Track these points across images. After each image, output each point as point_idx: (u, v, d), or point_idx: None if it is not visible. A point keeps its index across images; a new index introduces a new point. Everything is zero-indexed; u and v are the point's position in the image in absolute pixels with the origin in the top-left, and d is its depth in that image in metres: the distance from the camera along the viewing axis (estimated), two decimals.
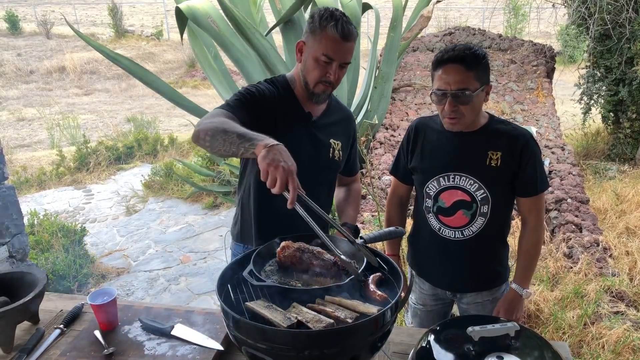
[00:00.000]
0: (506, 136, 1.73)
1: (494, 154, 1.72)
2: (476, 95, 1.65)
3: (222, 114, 1.53)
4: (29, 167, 6.76)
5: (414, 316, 2.09)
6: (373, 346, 1.24)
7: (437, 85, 1.67)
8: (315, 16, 1.63)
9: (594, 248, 3.61)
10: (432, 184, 1.81)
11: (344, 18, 1.61)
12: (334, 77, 1.64)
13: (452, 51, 1.64)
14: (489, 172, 1.73)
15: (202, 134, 1.44)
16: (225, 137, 1.38)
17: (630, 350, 2.67)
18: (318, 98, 1.71)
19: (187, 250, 4.60)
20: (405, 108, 6.36)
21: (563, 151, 5.29)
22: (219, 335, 1.52)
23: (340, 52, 1.62)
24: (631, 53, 5.76)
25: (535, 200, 1.79)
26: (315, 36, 1.62)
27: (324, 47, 1.60)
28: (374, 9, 5.36)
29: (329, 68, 1.63)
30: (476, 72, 1.64)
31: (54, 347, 1.53)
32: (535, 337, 1.37)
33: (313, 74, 1.65)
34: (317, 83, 1.66)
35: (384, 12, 6.20)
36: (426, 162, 1.84)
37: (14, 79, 13.61)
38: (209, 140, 1.42)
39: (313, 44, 1.63)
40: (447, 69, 1.64)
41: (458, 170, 1.76)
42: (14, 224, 2.72)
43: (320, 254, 1.40)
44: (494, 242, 1.85)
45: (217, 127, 1.42)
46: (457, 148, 1.77)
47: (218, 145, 1.40)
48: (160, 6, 20.13)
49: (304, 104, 1.75)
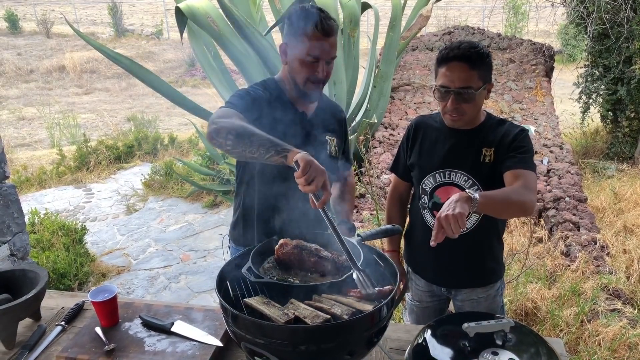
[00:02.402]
0: (500, 133, 1.75)
1: (487, 150, 1.74)
2: (478, 93, 1.67)
3: (235, 114, 1.51)
4: (29, 166, 6.77)
5: (410, 313, 2.10)
6: (369, 341, 1.26)
7: (440, 81, 1.68)
8: (293, 17, 1.63)
9: (591, 246, 3.63)
10: (428, 180, 1.83)
11: (322, 14, 1.61)
12: (323, 74, 1.66)
13: (457, 49, 1.64)
14: (482, 169, 1.74)
15: (224, 132, 1.41)
16: (252, 139, 1.36)
17: (627, 347, 2.69)
18: (310, 97, 1.73)
19: (187, 248, 4.62)
20: (404, 107, 6.38)
21: (561, 150, 5.30)
22: (218, 331, 1.54)
23: (324, 49, 1.62)
24: (629, 52, 5.77)
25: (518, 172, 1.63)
26: (297, 37, 1.62)
27: (308, 47, 1.60)
28: (373, 8, 5.37)
29: (316, 66, 1.64)
30: (480, 71, 1.65)
31: (55, 343, 1.56)
32: (531, 334, 1.39)
33: (301, 75, 1.66)
34: (306, 82, 1.67)
35: (383, 12, 6.20)
36: (423, 159, 1.86)
37: (14, 78, 13.61)
38: (232, 140, 1.39)
39: (296, 45, 1.63)
40: (452, 67, 1.65)
41: (453, 167, 1.78)
42: (15, 222, 2.73)
43: (318, 251, 1.42)
44: (488, 239, 1.87)
45: (242, 129, 1.40)
46: (453, 145, 1.79)
47: (242, 147, 1.38)
48: (160, 5, 20.12)
49: (297, 103, 1.76)
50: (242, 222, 1.88)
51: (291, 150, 1.32)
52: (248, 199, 1.83)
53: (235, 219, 1.93)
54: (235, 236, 1.93)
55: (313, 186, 1.24)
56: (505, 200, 1.55)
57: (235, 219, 1.93)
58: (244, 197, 1.85)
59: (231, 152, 1.43)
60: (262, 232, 1.77)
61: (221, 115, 1.50)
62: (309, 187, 1.24)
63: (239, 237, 1.90)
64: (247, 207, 1.84)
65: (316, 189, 1.24)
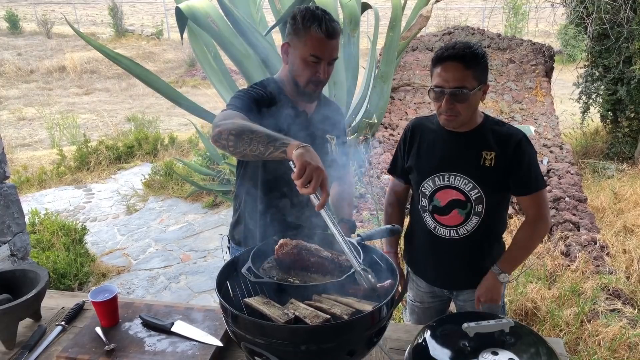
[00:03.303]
0: (500, 136, 1.75)
1: (487, 154, 1.74)
2: (473, 94, 1.67)
3: (237, 115, 1.51)
4: (29, 166, 6.77)
5: (412, 313, 2.11)
6: (369, 341, 1.26)
7: (435, 82, 1.69)
8: (297, 17, 1.64)
9: (591, 246, 3.63)
10: (428, 183, 1.82)
11: (326, 16, 1.62)
12: (324, 75, 1.67)
13: (452, 49, 1.65)
14: (483, 172, 1.74)
15: (225, 134, 1.41)
16: (252, 136, 1.36)
17: (626, 347, 2.70)
18: (311, 97, 1.74)
19: (187, 248, 4.62)
20: (404, 107, 6.38)
21: (561, 150, 5.31)
22: (218, 331, 1.54)
23: (327, 50, 1.63)
24: (629, 52, 5.77)
25: (532, 197, 1.78)
26: (300, 38, 1.63)
27: (311, 48, 1.61)
28: (373, 9, 5.38)
29: (318, 67, 1.65)
30: (474, 71, 1.65)
31: (55, 343, 1.56)
32: (530, 333, 1.38)
33: (303, 75, 1.67)
34: (308, 83, 1.68)
35: (383, 12, 6.21)
36: (422, 162, 1.85)
37: (14, 78, 13.62)
38: (233, 140, 1.39)
39: (298, 45, 1.64)
40: (446, 67, 1.65)
41: (453, 170, 1.78)
42: (16, 222, 2.73)
43: (317, 251, 1.42)
44: (488, 241, 1.87)
45: (242, 127, 1.40)
46: (452, 148, 1.79)
47: (243, 145, 1.37)
48: (160, 5, 20.13)
49: (297, 103, 1.77)
50: (243, 223, 1.87)
51: (289, 143, 1.30)
52: (248, 199, 1.83)
53: (235, 219, 1.93)
54: (236, 237, 1.93)
55: (310, 188, 1.22)
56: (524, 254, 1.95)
57: (236, 220, 1.92)
58: (245, 198, 1.85)
59: (234, 152, 1.43)
60: (263, 232, 1.77)
61: (223, 117, 1.50)
62: (306, 190, 1.23)
63: (240, 238, 1.90)
64: (248, 207, 1.84)
65: (314, 191, 1.23)
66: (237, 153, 1.42)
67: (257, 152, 1.36)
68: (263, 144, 1.34)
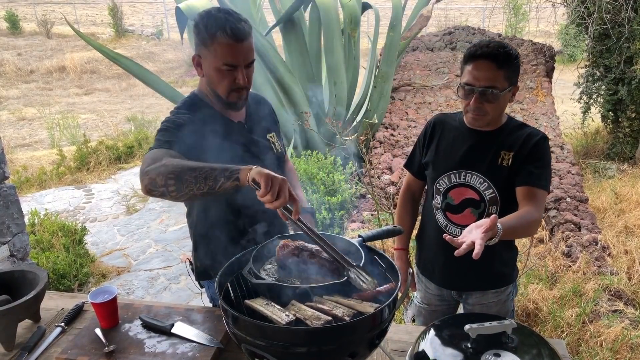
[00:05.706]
0: (521, 137, 1.71)
1: (506, 154, 1.71)
2: (503, 95, 1.64)
3: (166, 154, 1.38)
4: (29, 166, 6.76)
5: (418, 315, 2.08)
6: (371, 343, 1.26)
7: (465, 79, 1.66)
8: (200, 25, 1.49)
9: (592, 247, 3.62)
10: (443, 180, 1.80)
11: (230, 18, 1.47)
12: (244, 81, 1.53)
13: (486, 47, 1.62)
14: (499, 172, 1.71)
15: (162, 180, 1.28)
16: (194, 174, 1.26)
17: (628, 348, 2.69)
18: (236, 106, 1.61)
19: (187, 249, 4.61)
20: (405, 107, 6.37)
21: (562, 150, 5.30)
22: (218, 333, 1.53)
23: (240, 55, 1.50)
24: (630, 52, 5.76)
25: (532, 191, 1.66)
26: (208, 47, 1.48)
27: (222, 57, 1.48)
28: (374, 9, 5.38)
29: (236, 74, 1.51)
30: (506, 72, 1.62)
31: (55, 344, 1.55)
32: (532, 335, 1.38)
33: (222, 86, 1.54)
34: (229, 92, 1.55)
35: (384, 12, 6.21)
36: (439, 158, 1.82)
37: (14, 78, 13.61)
38: (174, 184, 1.28)
39: (209, 55, 1.50)
40: (478, 65, 1.62)
41: (469, 168, 1.75)
42: (15, 223, 2.73)
43: (318, 253, 1.41)
44: (500, 244, 1.84)
45: (180, 167, 1.29)
46: (471, 146, 1.76)
47: (189, 186, 1.27)
48: (160, 5, 20.12)
49: (228, 115, 1.65)
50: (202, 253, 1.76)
51: (241, 169, 1.24)
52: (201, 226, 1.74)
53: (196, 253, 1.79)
54: (200, 270, 1.79)
55: (282, 199, 1.19)
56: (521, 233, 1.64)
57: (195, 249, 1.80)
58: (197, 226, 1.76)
59: (178, 197, 1.30)
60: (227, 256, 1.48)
61: (151, 161, 1.36)
62: (278, 202, 1.19)
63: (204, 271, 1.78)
64: (203, 234, 1.74)
65: (286, 201, 1.20)
66: (181, 197, 1.30)
67: (205, 189, 1.27)
68: (210, 178, 1.26)
